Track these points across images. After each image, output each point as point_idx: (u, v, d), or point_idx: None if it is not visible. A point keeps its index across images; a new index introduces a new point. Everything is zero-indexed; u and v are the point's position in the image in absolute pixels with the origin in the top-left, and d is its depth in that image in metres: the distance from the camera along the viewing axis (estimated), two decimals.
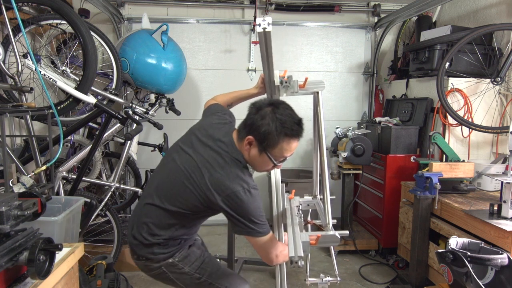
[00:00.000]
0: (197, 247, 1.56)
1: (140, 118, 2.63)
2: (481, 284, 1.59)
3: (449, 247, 1.80)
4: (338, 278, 1.71)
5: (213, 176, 1.30)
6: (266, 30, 1.04)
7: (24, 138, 2.80)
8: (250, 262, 2.97)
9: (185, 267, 1.45)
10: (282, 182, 1.75)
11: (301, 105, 3.54)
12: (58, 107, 2.21)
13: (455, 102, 2.75)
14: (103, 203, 2.48)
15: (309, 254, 1.39)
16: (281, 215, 1.55)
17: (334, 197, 1.66)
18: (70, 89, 2.22)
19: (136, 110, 2.76)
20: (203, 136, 1.42)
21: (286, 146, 1.32)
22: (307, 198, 1.87)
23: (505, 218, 1.92)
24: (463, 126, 2.74)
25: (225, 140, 1.38)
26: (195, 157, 1.36)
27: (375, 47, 3.93)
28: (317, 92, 1.49)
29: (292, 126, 1.30)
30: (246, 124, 1.34)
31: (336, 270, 1.72)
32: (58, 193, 2.38)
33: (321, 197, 1.74)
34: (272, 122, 1.28)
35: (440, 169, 2.41)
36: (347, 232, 1.51)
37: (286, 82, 1.47)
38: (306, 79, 1.45)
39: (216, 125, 1.48)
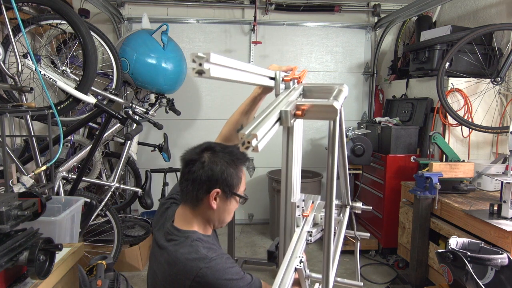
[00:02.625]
0: None
1: (140, 118, 2.63)
2: (481, 284, 1.59)
3: (449, 247, 1.80)
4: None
5: (167, 278, 1.10)
6: (204, 76, 0.57)
7: (24, 138, 2.80)
8: (250, 262, 2.97)
9: None
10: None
11: None
12: (58, 107, 2.21)
13: (455, 102, 2.75)
14: (103, 203, 2.48)
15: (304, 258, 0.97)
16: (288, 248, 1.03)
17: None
18: (70, 89, 2.22)
19: (136, 110, 2.77)
20: (156, 246, 1.21)
21: (244, 174, 1.20)
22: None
23: (505, 218, 1.92)
24: (463, 126, 2.74)
25: (169, 229, 1.17)
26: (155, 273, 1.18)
27: (375, 47, 3.93)
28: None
29: (237, 152, 1.17)
30: (195, 185, 1.12)
31: (359, 275, 1.52)
32: (58, 193, 2.38)
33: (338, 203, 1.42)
34: (224, 161, 1.13)
35: (440, 169, 2.41)
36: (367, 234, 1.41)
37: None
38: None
39: (161, 224, 1.26)
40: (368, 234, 1.46)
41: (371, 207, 1.40)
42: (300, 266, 0.90)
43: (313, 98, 0.93)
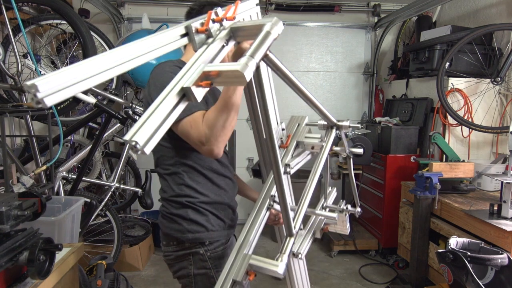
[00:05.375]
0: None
1: None
2: (481, 284, 1.59)
3: (449, 247, 1.80)
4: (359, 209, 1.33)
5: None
6: (45, 106, 0.44)
7: (24, 138, 2.80)
8: None
9: (213, 269, 1.21)
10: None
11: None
12: (58, 107, 2.21)
13: (455, 102, 2.75)
14: (103, 203, 2.48)
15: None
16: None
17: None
18: None
19: (136, 110, 2.76)
20: None
21: None
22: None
23: (505, 218, 1.91)
24: (463, 126, 2.74)
25: None
26: None
27: (375, 47, 3.93)
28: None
29: None
30: None
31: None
32: (58, 193, 2.38)
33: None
34: None
35: (440, 169, 2.41)
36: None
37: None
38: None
39: None
40: (361, 150, 1.42)
41: (359, 126, 1.36)
42: (272, 205, 0.93)
43: (245, 39, 0.77)
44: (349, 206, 1.35)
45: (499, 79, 2.56)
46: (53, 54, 2.84)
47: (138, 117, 2.61)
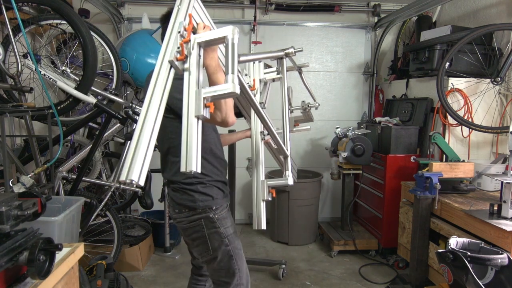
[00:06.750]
0: (230, 217, 1.66)
1: None
2: (481, 284, 1.59)
3: (449, 247, 1.80)
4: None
5: None
6: None
7: (24, 138, 2.80)
8: (250, 262, 2.96)
9: (221, 227, 1.56)
10: None
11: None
12: (58, 107, 2.21)
13: (455, 102, 2.75)
14: (103, 203, 2.48)
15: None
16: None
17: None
18: (70, 89, 2.22)
19: (136, 110, 2.76)
20: None
21: None
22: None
23: (505, 218, 1.91)
24: (463, 126, 2.74)
25: None
26: None
27: (375, 47, 3.93)
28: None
29: None
30: None
31: None
32: (58, 193, 2.38)
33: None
34: None
35: (440, 169, 2.41)
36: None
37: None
38: None
39: None
40: (308, 64, 1.93)
41: (302, 48, 1.62)
42: (264, 137, 1.43)
43: (212, 46, 1.01)
44: (309, 103, 2.09)
45: (499, 79, 2.56)
46: (53, 54, 2.83)
47: (138, 117, 2.62)
